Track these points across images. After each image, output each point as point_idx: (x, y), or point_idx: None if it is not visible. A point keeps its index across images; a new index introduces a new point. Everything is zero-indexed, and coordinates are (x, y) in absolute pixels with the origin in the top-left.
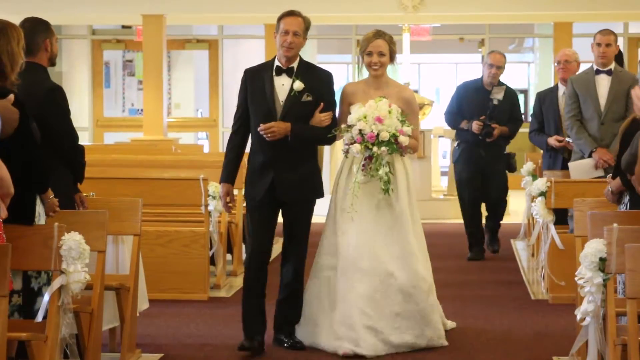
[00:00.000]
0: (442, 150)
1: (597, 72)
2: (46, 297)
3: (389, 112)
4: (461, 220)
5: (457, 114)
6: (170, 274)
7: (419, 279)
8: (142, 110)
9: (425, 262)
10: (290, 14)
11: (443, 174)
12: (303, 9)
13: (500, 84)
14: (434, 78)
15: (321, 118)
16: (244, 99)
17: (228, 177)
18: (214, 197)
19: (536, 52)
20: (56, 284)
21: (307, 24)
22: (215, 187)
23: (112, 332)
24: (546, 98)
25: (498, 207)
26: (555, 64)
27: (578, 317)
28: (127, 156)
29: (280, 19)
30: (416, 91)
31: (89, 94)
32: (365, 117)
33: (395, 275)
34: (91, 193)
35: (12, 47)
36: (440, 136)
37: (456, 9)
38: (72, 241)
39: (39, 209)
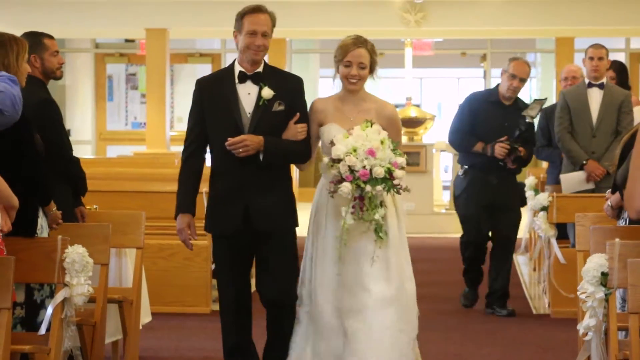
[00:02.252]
0: (443, 165)
1: (589, 85)
2: (49, 310)
3: (382, 141)
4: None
5: (469, 134)
6: (173, 287)
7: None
8: (145, 123)
9: (412, 314)
10: (257, 10)
11: (445, 188)
12: (304, 22)
13: (518, 99)
14: (436, 92)
15: (297, 130)
16: (198, 116)
17: (186, 206)
18: None
19: (538, 67)
20: (59, 296)
21: (274, 21)
22: None
23: (115, 345)
24: (552, 114)
25: (507, 252)
26: (562, 80)
27: (580, 332)
28: (130, 169)
29: (243, 15)
30: (418, 105)
31: (92, 107)
32: (355, 151)
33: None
34: (94, 206)
35: (10, 60)
36: (442, 150)
37: (458, 24)
38: (76, 254)
39: (42, 221)
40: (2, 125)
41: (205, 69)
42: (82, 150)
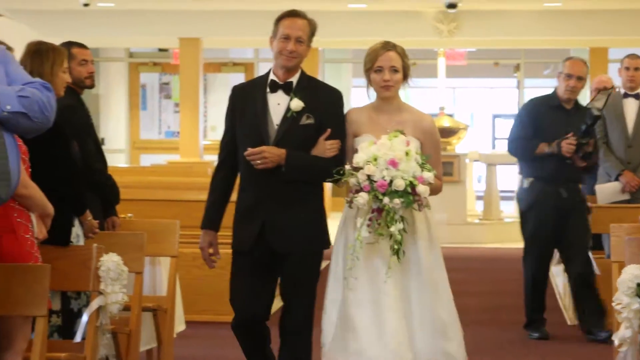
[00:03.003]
0: (476, 174)
1: (625, 95)
2: (85, 318)
3: (407, 153)
4: (497, 245)
5: (531, 140)
6: (207, 295)
7: None
8: (178, 132)
9: (458, 336)
10: (293, 14)
11: (478, 198)
12: (336, 31)
13: (578, 102)
14: (469, 102)
15: (326, 147)
16: (230, 124)
17: (211, 222)
18: None
19: None
20: (94, 304)
21: (312, 28)
22: None
23: (149, 353)
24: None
25: (589, 273)
26: (593, 91)
27: (615, 343)
28: (164, 178)
29: (279, 20)
30: (451, 115)
31: (126, 116)
32: (375, 160)
33: None
34: (129, 214)
35: (45, 68)
36: (475, 160)
37: (491, 34)
38: (111, 262)
39: (77, 230)
40: (33, 132)
41: (238, 78)
42: (116, 159)
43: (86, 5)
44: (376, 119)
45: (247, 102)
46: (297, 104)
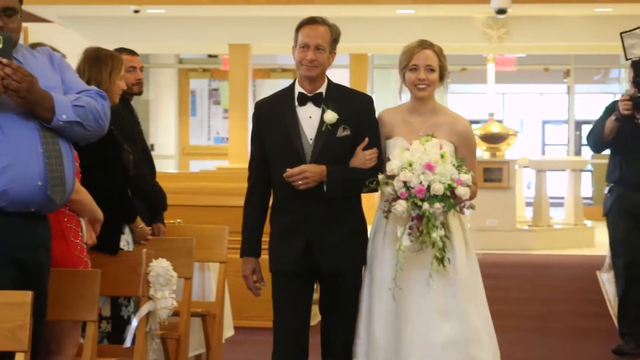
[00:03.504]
0: (526, 181)
1: None
2: (134, 323)
3: (442, 155)
4: (547, 251)
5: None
6: (255, 301)
7: None
8: (227, 138)
9: (493, 346)
10: (312, 21)
11: (528, 204)
12: (385, 37)
13: None
14: (519, 108)
15: (366, 157)
16: (260, 143)
17: (252, 248)
18: None
19: (622, 82)
20: (144, 310)
21: (334, 35)
22: None
23: (198, 358)
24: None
25: None
26: None
27: None
28: (213, 184)
29: (298, 28)
30: (500, 121)
31: (175, 122)
32: (410, 165)
33: None
34: (178, 220)
35: (103, 76)
36: (524, 166)
37: (541, 39)
38: (160, 268)
39: (127, 237)
40: (87, 140)
41: (286, 84)
42: (166, 164)
43: (136, 11)
44: (409, 121)
45: (275, 118)
46: (331, 116)
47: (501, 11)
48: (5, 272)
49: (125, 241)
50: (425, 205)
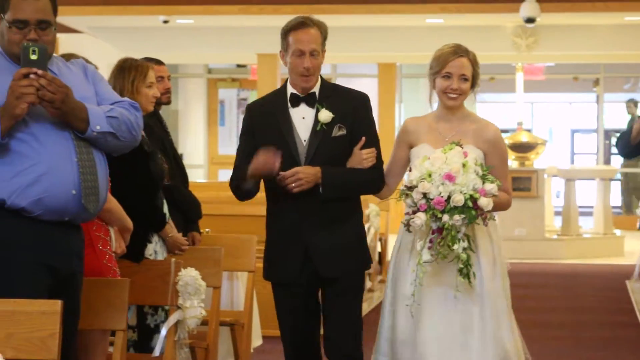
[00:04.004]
0: (555, 190)
1: None
2: (163, 332)
3: (463, 164)
4: (576, 261)
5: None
6: None
7: None
8: None
9: None
10: (302, 25)
11: (557, 213)
12: (414, 46)
13: None
14: (548, 117)
15: (363, 157)
16: (249, 147)
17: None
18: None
19: None
20: (173, 319)
21: (324, 34)
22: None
23: None
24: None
25: None
26: None
27: None
28: None
29: (288, 32)
30: (529, 130)
31: (204, 131)
32: (429, 176)
33: None
34: (206, 229)
35: (125, 84)
36: (553, 176)
37: (570, 48)
38: (189, 277)
39: (155, 246)
40: (120, 151)
41: None
42: (195, 174)
43: (166, 22)
44: (436, 128)
45: (267, 120)
46: (326, 115)
47: (530, 20)
48: (41, 280)
49: (153, 250)
50: (445, 217)
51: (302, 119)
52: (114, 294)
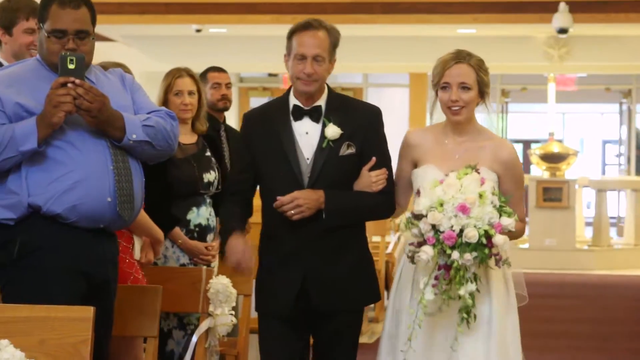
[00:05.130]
0: (586, 201)
1: None
2: (194, 339)
3: (480, 195)
4: (607, 271)
5: None
6: None
7: None
8: None
9: None
10: (307, 26)
11: (587, 224)
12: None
13: None
14: (579, 128)
15: (372, 180)
16: (245, 161)
17: (236, 225)
18: None
19: None
20: (204, 326)
21: (333, 40)
22: None
23: None
24: None
25: None
26: None
27: None
28: None
29: (292, 34)
30: (560, 141)
31: None
32: (441, 205)
33: None
34: None
35: (159, 93)
36: (584, 186)
37: (603, 59)
38: (220, 285)
39: (167, 252)
40: (156, 159)
41: None
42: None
43: (198, 30)
44: (443, 144)
45: (266, 134)
46: (334, 131)
47: (563, 31)
48: (75, 286)
49: (162, 256)
50: (455, 255)
51: (306, 134)
52: (146, 301)
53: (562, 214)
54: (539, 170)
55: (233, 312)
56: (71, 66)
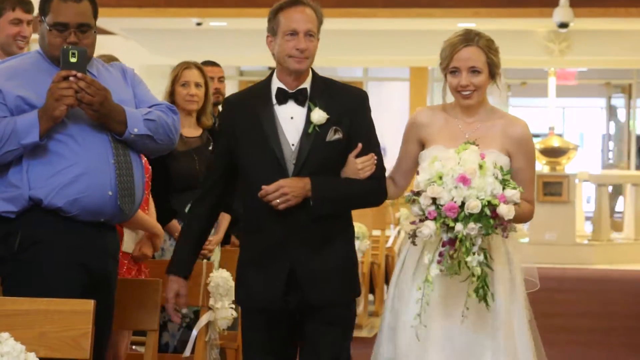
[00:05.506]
0: (586, 195)
1: None
2: (194, 333)
3: (480, 166)
4: (607, 266)
5: None
6: None
7: None
8: None
9: None
10: (296, 3)
11: (587, 219)
12: None
13: None
14: (579, 122)
15: (357, 166)
16: (223, 148)
17: (180, 266)
18: (357, 238)
19: None
20: (204, 319)
21: (320, 18)
22: (358, 228)
23: None
24: None
25: None
26: None
27: None
28: None
29: (277, 12)
30: (561, 135)
31: None
32: (440, 178)
33: None
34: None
35: (166, 87)
36: (584, 181)
37: (603, 54)
38: (220, 278)
39: (164, 244)
40: (157, 153)
41: None
42: None
43: (199, 24)
44: (453, 123)
45: (248, 119)
46: (320, 115)
47: (563, 25)
48: (75, 279)
49: (161, 248)
50: (459, 226)
51: (291, 119)
52: (146, 295)
53: (562, 208)
54: (539, 165)
55: (233, 306)
56: (73, 60)
